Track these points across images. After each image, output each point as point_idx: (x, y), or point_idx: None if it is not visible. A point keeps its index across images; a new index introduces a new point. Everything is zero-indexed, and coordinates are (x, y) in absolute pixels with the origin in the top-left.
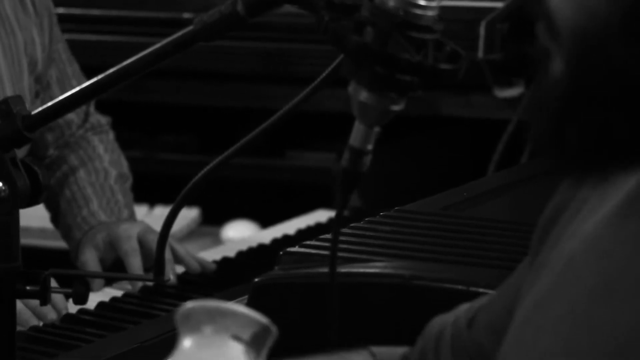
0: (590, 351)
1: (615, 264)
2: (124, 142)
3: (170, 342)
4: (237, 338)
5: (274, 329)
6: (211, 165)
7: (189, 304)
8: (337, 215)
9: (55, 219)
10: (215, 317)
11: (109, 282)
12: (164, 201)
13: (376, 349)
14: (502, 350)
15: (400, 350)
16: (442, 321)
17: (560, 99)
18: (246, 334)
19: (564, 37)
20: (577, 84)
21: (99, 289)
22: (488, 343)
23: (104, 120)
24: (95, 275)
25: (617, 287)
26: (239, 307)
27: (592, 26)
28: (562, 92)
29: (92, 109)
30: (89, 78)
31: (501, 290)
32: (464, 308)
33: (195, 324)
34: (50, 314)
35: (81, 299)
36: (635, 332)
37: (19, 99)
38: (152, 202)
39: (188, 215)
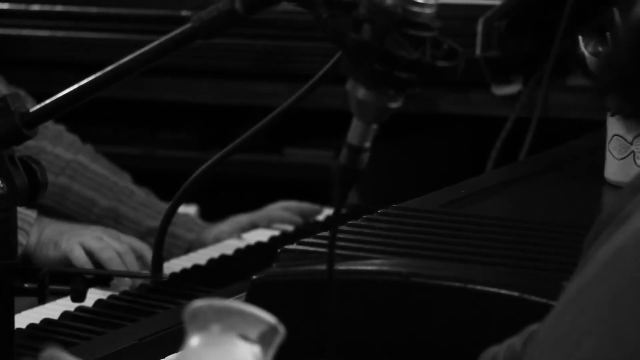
0: (632, 336)
1: None
2: (123, 139)
3: (167, 339)
4: (244, 337)
5: (281, 329)
6: (209, 162)
7: (197, 303)
8: (335, 213)
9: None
10: (223, 316)
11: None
12: (162, 198)
13: None
14: (539, 330)
15: None
16: (495, 350)
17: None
18: (254, 334)
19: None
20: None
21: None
22: None
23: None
24: (92, 272)
25: None
26: (247, 307)
27: None
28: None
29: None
30: (87, 76)
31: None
32: (516, 337)
33: (202, 322)
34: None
35: (79, 296)
36: None
37: (17, 96)
38: None
39: (186, 212)
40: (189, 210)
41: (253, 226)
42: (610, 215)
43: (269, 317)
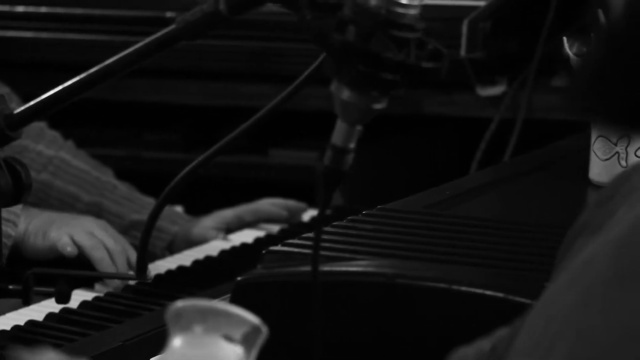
0: (603, 334)
1: (634, 254)
2: (108, 141)
3: (153, 341)
4: (227, 338)
5: (264, 329)
6: (194, 163)
7: (180, 303)
8: (320, 214)
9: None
10: (206, 317)
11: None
12: None
13: None
14: (515, 343)
15: None
16: (463, 351)
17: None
18: (237, 334)
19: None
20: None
21: None
22: None
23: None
24: (77, 274)
25: (635, 276)
26: (230, 307)
27: None
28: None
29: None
30: (72, 77)
31: (525, 317)
32: (485, 340)
33: (186, 323)
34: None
35: (64, 298)
36: None
37: (1, 98)
38: None
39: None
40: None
41: (238, 220)
42: (582, 226)
43: (252, 318)
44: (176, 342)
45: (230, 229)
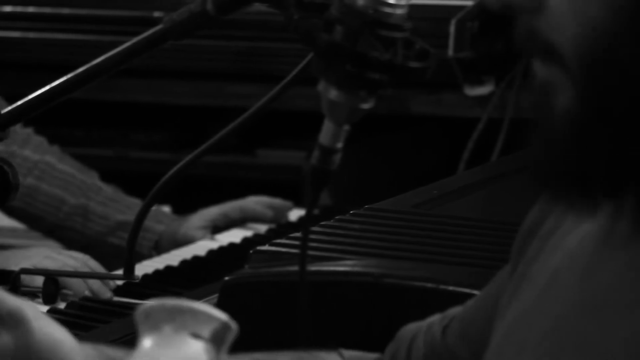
0: None
1: (601, 281)
2: (96, 141)
3: None
4: (196, 336)
5: (233, 326)
6: (181, 163)
7: (149, 303)
8: (307, 214)
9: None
10: (174, 316)
11: None
12: None
13: (347, 353)
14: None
15: (371, 356)
16: (415, 328)
17: (577, 125)
18: (205, 332)
19: (570, 60)
20: (593, 105)
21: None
22: (462, 352)
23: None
24: (64, 274)
25: (604, 304)
26: (197, 305)
27: (598, 38)
28: (577, 118)
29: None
30: (60, 77)
31: (478, 299)
32: (437, 317)
33: (154, 323)
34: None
35: (51, 298)
36: (624, 349)
37: None
38: None
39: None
40: None
41: (224, 217)
42: (534, 224)
43: (220, 315)
44: (146, 342)
45: (216, 226)
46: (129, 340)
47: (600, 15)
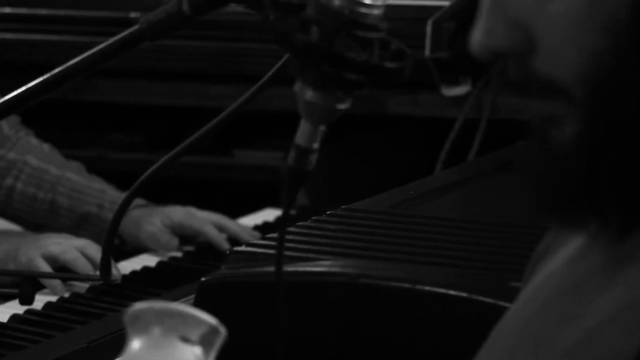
0: (562, 342)
1: (583, 266)
2: (73, 141)
3: (117, 342)
4: (185, 339)
5: (222, 330)
6: (157, 164)
7: (138, 305)
8: (284, 214)
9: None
10: (163, 318)
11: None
12: None
13: None
14: None
15: None
16: None
17: (588, 152)
18: (195, 335)
19: (575, 90)
20: (603, 130)
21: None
22: None
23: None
24: (41, 275)
25: (583, 285)
26: (187, 308)
27: (601, 63)
28: (588, 145)
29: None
30: (36, 77)
31: None
32: None
33: (143, 325)
34: None
35: (28, 299)
36: (598, 320)
37: None
38: None
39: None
40: None
41: (180, 229)
42: (544, 249)
43: (209, 318)
44: (134, 344)
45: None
46: (107, 342)
47: (600, 40)
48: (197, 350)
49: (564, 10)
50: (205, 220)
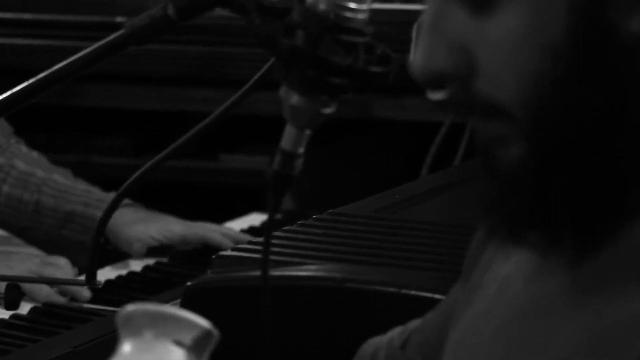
0: None
1: (546, 286)
2: (58, 146)
3: (103, 346)
4: (178, 343)
5: (215, 333)
6: (143, 168)
7: (130, 307)
8: (269, 219)
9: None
10: (156, 321)
11: None
12: None
13: None
14: None
15: None
16: (377, 342)
17: (532, 171)
18: (187, 339)
19: (516, 112)
20: (546, 150)
21: None
22: None
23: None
24: (25, 280)
25: (549, 307)
26: (180, 312)
27: (541, 85)
28: (532, 164)
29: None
30: (21, 82)
31: (435, 312)
32: (398, 330)
33: (135, 327)
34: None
35: (13, 304)
36: (567, 348)
37: None
38: None
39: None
40: None
41: (181, 240)
42: (487, 235)
43: (202, 322)
44: (126, 347)
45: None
46: (92, 347)
47: (540, 64)
48: (189, 354)
49: (504, 35)
50: (205, 228)
